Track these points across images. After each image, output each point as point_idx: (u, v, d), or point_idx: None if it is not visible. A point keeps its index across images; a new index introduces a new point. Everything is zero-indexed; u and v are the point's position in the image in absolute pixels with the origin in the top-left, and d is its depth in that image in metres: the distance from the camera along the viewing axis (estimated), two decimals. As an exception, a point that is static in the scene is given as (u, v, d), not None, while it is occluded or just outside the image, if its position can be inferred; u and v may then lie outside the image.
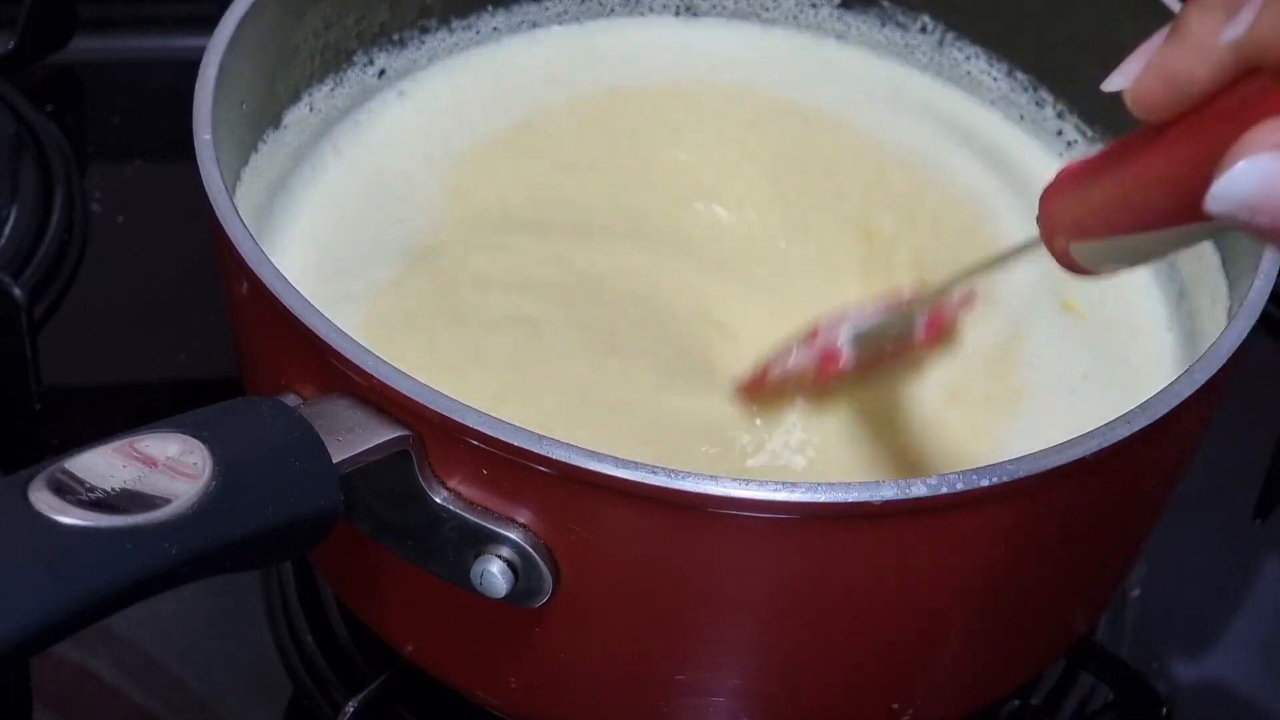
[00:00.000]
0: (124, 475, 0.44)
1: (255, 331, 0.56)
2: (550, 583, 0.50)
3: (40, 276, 0.78)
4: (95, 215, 0.82)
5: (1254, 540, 0.74)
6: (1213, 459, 0.63)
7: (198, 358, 0.76)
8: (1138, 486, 0.56)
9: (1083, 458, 0.49)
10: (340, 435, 0.48)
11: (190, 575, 0.44)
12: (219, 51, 0.59)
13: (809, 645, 0.53)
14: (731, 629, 0.52)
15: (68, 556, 0.42)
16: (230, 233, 0.53)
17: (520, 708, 0.57)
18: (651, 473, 0.47)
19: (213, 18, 0.60)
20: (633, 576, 0.51)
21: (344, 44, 0.69)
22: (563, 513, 0.49)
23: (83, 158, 0.84)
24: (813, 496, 0.47)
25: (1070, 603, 0.59)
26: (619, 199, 0.68)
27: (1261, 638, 0.71)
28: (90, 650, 0.65)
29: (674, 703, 0.54)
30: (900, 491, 0.48)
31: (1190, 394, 0.51)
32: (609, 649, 0.53)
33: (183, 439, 0.45)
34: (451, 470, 0.50)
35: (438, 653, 0.58)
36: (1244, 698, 0.69)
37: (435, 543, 0.51)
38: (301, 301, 0.51)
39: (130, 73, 0.90)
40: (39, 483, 0.43)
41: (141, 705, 0.64)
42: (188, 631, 0.66)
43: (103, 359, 0.77)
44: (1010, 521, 0.51)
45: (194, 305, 0.75)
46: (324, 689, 0.65)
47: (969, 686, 0.58)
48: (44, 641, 0.42)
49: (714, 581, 0.51)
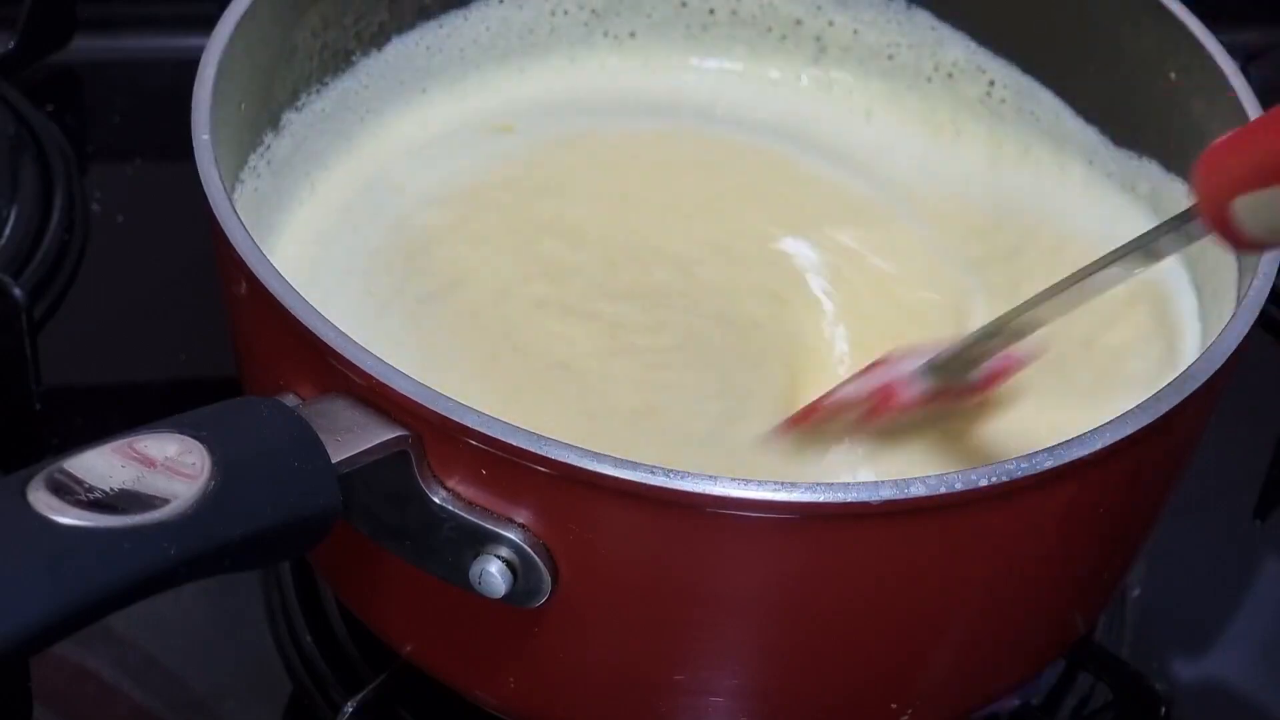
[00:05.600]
0: (123, 475, 0.44)
1: (254, 331, 0.56)
2: (549, 583, 0.50)
3: (40, 276, 0.78)
4: (95, 215, 0.82)
5: (1254, 540, 0.74)
6: (1213, 459, 0.63)
7: (197, 358, 0.76)
8: (1138, 486, 0.56)
9: (1083, 458, 0.49)
10: (339, 435, 0.48)
11: (189, 575, 0.44)
12: (218, 51, 0.59)
13: (808, 645, 0.53)
14: (731, 629, 0.52)
15: (67, 556, 0.42)
16: (229, 233, 0.53)
17: (519, 708, 0.57)
18: (650, 473, 0.47)
19: (212, 18, 0.60)
20: (632, 576, 0.51)
21: (343, 44, 0.69)
22: (562, 513, 0.49)
23: (83, 158, 0.84)
24: (812, 496, 0.48)
25: (1070, 603, 0.59)
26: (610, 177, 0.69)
27: (1261, 638, 0.71)
28: (90, 650, 0.65)
29: (673, 703, 0.54)
30: (899, 491, 0.48)
31: (1190, 394, 0.51)
32: (608, 649, 0.53)
33: (181, 439, 0.45)
34: (450, 470, 0.50)
35: (437, 653, 0.58)
36: (1244, 698, 0.69)
37: (434, 543, 0.51)
38: (300, 301, 0.51)
39: (130, 73, 0.90)
40: (38, 483, 0.43)
41: (141, 705, 0.64)
42: (188, 631, 0.66)
43: (102, 359, 0.77)
44: (1010, 521, 0.51)
45: (193, 305, 0.75)
46: (323, 689, 0.65)
47: (968, 686, 0.58)
48: (43, 641, 0.42)
49: (713, 582, 0.51)
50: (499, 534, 0.50)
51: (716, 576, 0.50)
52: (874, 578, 0.51)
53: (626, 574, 0.51)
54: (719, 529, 0.49)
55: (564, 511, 0.49)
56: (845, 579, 0.51)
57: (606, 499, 0.48)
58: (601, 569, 0.51)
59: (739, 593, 0.51)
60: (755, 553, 0.50)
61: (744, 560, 0.50)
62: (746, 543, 0.49)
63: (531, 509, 0.49)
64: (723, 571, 0.50)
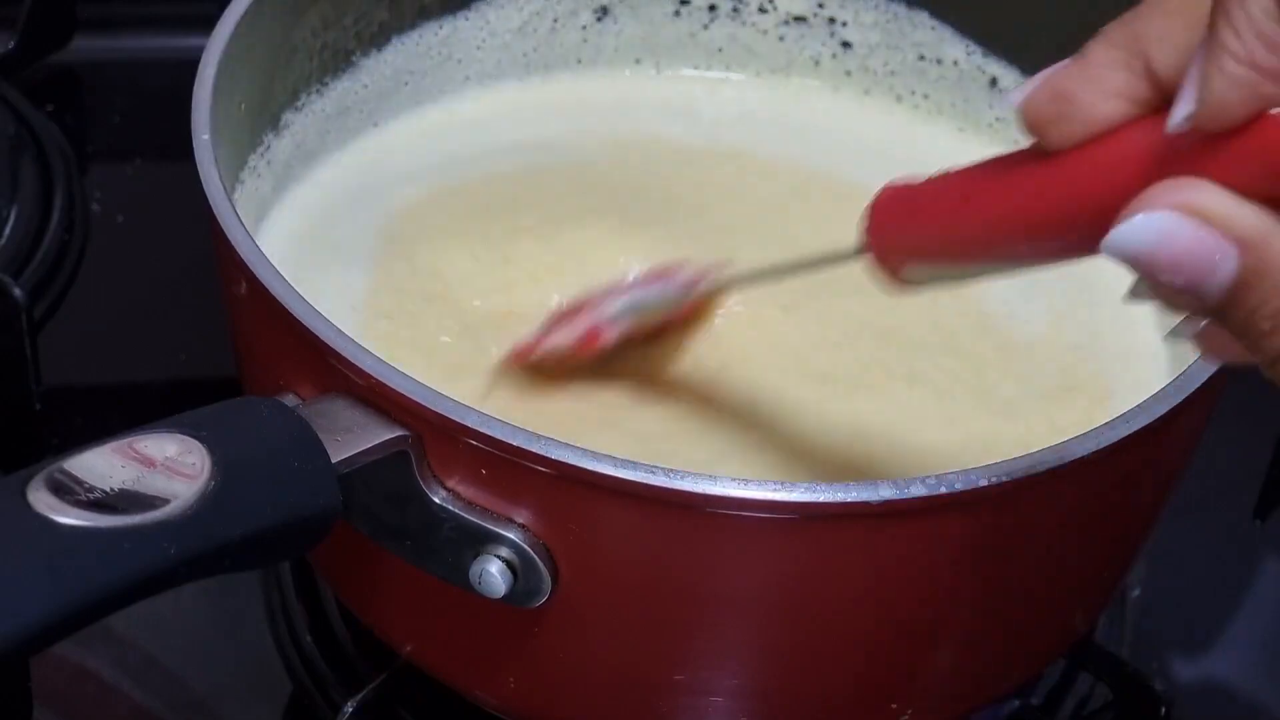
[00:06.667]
0: (123, 475, 0.44)
1: (254, 331, 0.56)
2: (549, 583, 0.50)
3: (40, 276, 0.78)
4: (95, 215, 0.82)
5: (1254, 540, 0.74)
6: (1213, 459, 0.63)
7: (197, 358, 0.76)
8: (1137, 486, 0.56)
9: (1082, 458, 0.49)
10: (339, 435, 0.48)
11: (189, 575, 0.44)
12: (218, 51, 0.59)
13: (808, 645, 0.53)
14: (730, 629, 0.52)
15: (67, 556, 0.42)
16: (229, 233, 0.53)
17: (519, 708, 0.57)
18: (650, 472, 0.47)
19: (212, 18, 0.60)
20: (631, 576, 0.51)
21: (342, 44, 0.69)
22: (561, 513, 0.49)
23: (83, 158, 0.84)
24: (811, 496, 0.47)
25: (1069, 603, 0.59)
26: (609, 181, 0.69)
27: (1261, 638, 0.71)
28: (90, 650, 0.65)
29: (673, 703, 0.54)
30: (899, 491, 0.48)
31: (1190, 394, 0.51)
32: (608, 649, 0.53)
33: (181, 439, 0.45)
34: (450, 470, 0.50)
35: (437, 653, 0.58)
36: (1244, 698, 0.69)
37: (434, 543, 0.51)
38: (300, 301, 0.51)
39: (130, 73, 0.90)
40: (38, 483, 0.43)
41: (141, 705, 0.64)
42: (188, 631, 0.66)
43: (102, 359, 0.77)
44: (1010, 521, 0.51)
45: (193, 305, 0.75)
46: (323, 689, 0.65)
47: (968, 686, 0.58)
48: (43, 641, 0.42)
49: (713, 581, 0.51)
50: (499, 534, 0.50)
51: (716, 576, 0.50)
52: (874, 578, 0.51)
53: (626, 574, 0.51)
54: (718, 529, 0.49)
55: (564, 511, 0.49)
56: (845, 579, 0.51)
57: (606, 499, 0.48)
58: (601, 569, 0.51)
59: (739, 593, 0.51)
60: (755, 553, 0.50)
61: (744, 560, 0.50)
62: (746, 543, 0.49)
63: (531, 509, 0.49)
64: (722, 571, 0.50)
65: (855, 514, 0.48)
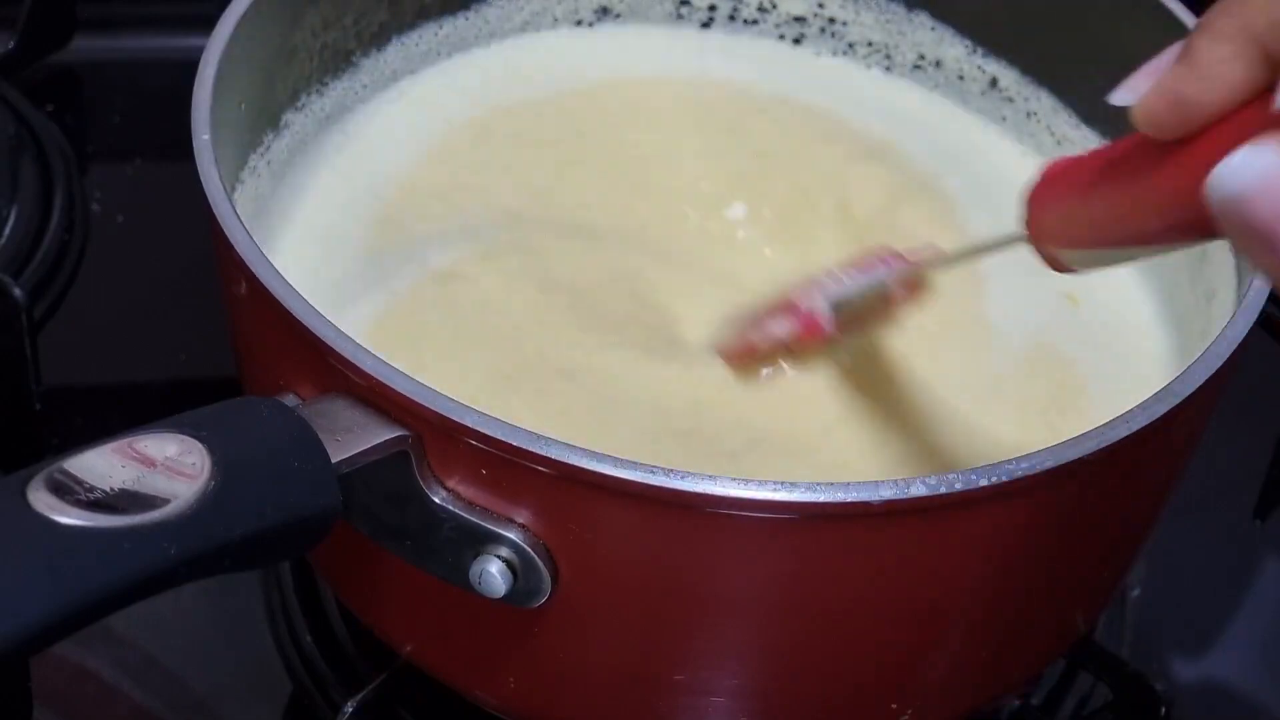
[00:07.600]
0: (123, 475, 0.44)
1: (254, 331, 0.56)
2: (549, 583, 0.50)
3: (40, 276, 0.78)
4: (95, 215, 0.82)
5: (1254, 540, 0.74)
6: (1213, 459, 0.63)
7: (197, 358, 0.76)
8: (1137, 486, 0.56)
9: (1082, 458, 0.49)
10: (339, 435, 0.48)
11: (189, 575, 0.44)
12: (218, 51, 0.59)
13: (808, 645, 0.53)
14: (730, 629, 0.52)
15: (67, 556, 0.42)
16: (229, 233, 0.53)
17: (519, 708, 0.57)
18: (650, 472, 0.47)
19: (212, 18, 0.60)
20: (632, 576, 0.51)
21: (342, 44, 0.69)
22: (561, 513, 0.49)
23: (83, 158, 0.84)
24: (812, 496, 0.47)
25: (1070, 603, 0.59)
26: (610, 198, 0.69)
27: (1261, 638, 0.71)
28: (90, 650, 0.65)
29: (673, 703, 0.54)
30: (899, 491, 0.48)
31: (1190, 394, 0.51)
32: (608, 649, 0.53)
33: (181, 439, 0.45)
34: (450, 470, 0.50)
35: (437, 653, 0.58)
36: (1244, 698, 0.69)
37: (434, 543, 0.51)
38: (300, 301, 0.51)
39: (130, 73, 0.90)
40: (38, 483, 0.43)
41: (141, 705, 0.64)
42: (188, 631, 0.66)
43: (103, 359, 0.77)
44: (1010, 521, 0.51)
45: (193, 305, 0.75)
46: (323, 689, 0.65)
47: (969, 686, 0.58)
48: (43, 641, 0.42)
49: (713, 581, 0.51)
50: (499, 534, 0.50)
51: (716, 576, 0.50)
52: (874, 578, 0.51)
53: (626, 574, 0.51)
54: (719, 529, 0.49)
55: (564, 511, 0.49)
56: (845, 579, 0.51)
57: (606, 499, 0.48)
58: (601, 569, 0.51)
59: (739, 592, 0.51)
60: (755, 552, 0.50)
61: (744, 560, 0.50)
62: (746, 542, 0.49)
63: (531, 509, 0.49)
64: (723, 571, 0.50)
65: (855, 514, 0.48)
